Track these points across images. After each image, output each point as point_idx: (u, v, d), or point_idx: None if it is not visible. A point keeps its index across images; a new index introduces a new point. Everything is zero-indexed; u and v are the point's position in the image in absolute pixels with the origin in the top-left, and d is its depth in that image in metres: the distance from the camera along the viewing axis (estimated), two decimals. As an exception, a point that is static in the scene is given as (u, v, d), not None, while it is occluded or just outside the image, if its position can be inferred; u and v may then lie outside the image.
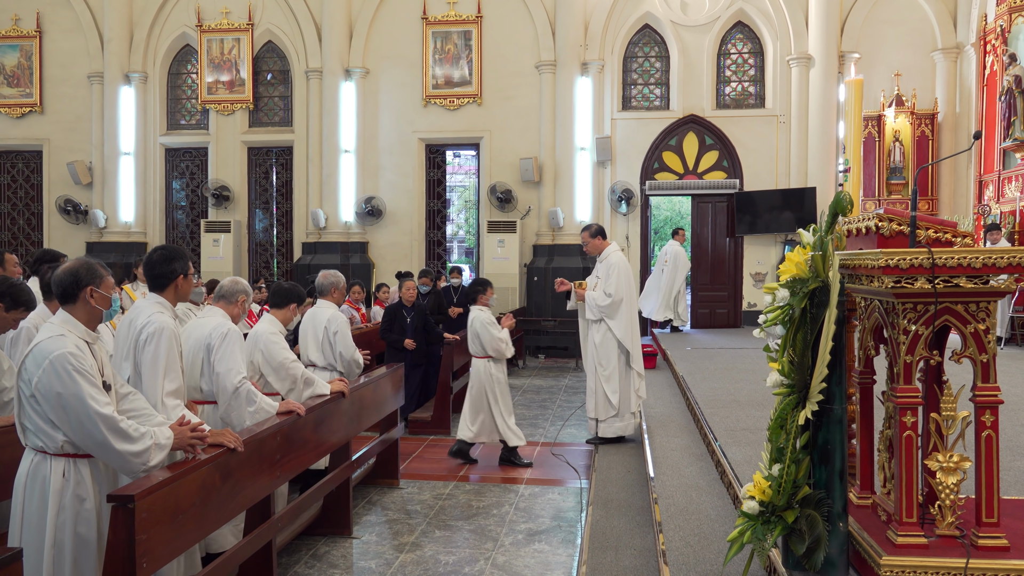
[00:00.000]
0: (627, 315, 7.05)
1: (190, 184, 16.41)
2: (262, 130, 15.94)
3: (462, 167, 26.11)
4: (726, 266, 14.69)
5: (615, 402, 7.04)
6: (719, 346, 11.76)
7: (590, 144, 14.56)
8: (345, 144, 15.18)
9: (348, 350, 6.15)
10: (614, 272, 7.07)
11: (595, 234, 7.30)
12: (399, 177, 15.35)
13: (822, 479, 3.19)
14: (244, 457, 3.78)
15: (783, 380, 3.35)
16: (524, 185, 14.89)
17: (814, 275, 3.23)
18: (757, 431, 5.95)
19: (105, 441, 3.11)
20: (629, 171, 14.68)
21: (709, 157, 14.65)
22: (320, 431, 4.83)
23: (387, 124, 15.36)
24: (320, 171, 15.30)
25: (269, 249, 16.23)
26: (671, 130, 14.67)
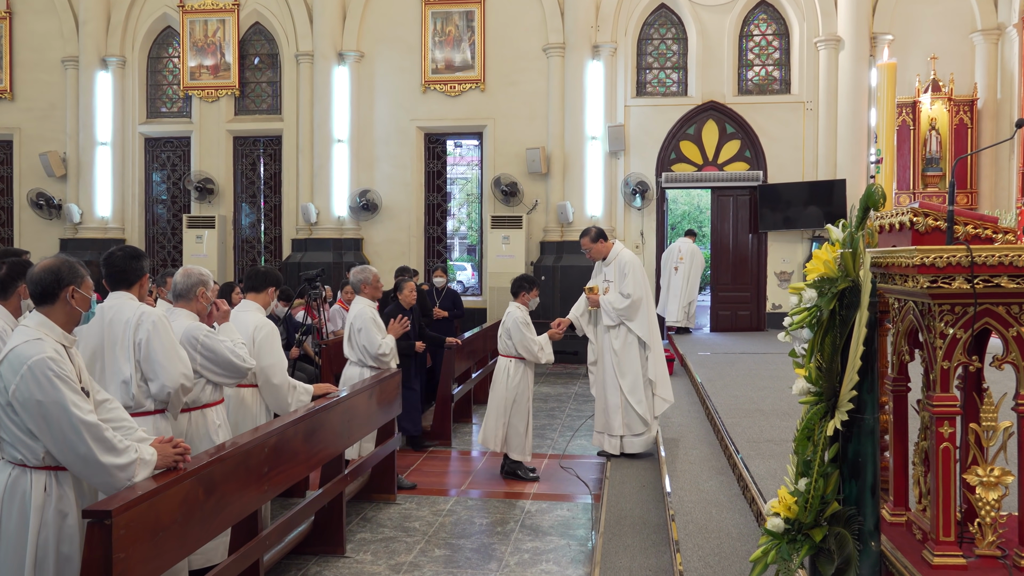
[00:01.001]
0: (646, 314, 7.07)
1: (171, 176, 16.45)
2: (249, 118, 15.97)
3: (464, 158, 26.14)
4: (749, 264, 14.68)
5: (642, 412, 7.01)
6: (741, 351, 11.75)
7: (602, 133, 14.56)
8: (338, 133, 15.21)
9: (372, 345, 6.64)
10: (630, 271, 7.06)
11: (596, 238, 7.29)
12: (396, 169, 15.37)
13: (852, 494, 3.19)
14: (230, 470, 3.79)
15: (810, 388, 3.35)
16: (530, 177, 14.89)
17: (844, 274, 3.22)
18: (782, 443, 5.94)
19: (89, 453, 3.12)
20: (644, 162, 14.67)
21: (730, 147, 14.63)
22: (311, 442, 4.84)
23: (383, 112, 15.38)
24: (311, 162, 15.32)
25: (256, 246, 16.27)
26: (689, 118, 14.66)
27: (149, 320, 4.03)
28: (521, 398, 7.01)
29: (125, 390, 4.01)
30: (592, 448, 7.78)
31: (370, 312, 6.77)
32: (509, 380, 7.01)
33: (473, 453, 8.16)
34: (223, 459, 3.77)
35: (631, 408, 7.04)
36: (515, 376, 7.02)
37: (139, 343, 4.01)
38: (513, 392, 7.02)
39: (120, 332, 4.03)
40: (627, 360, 7.05)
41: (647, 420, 7.05)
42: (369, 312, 6.76)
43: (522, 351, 6.98)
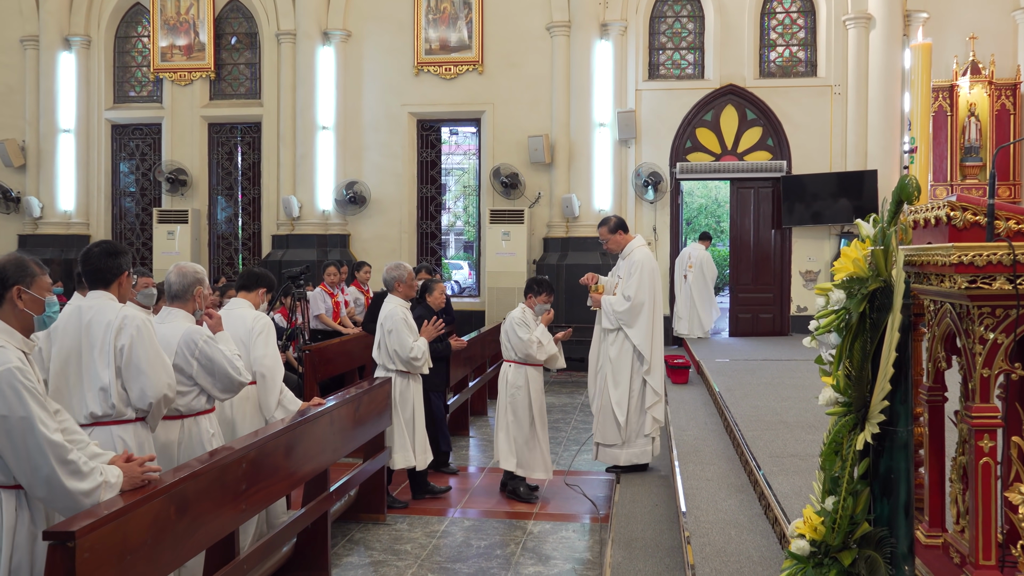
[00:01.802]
0: (647, 322, 7.03)
1: (141, 167, 16.46)
2: (225, 103, 15.98)
3: (460, 146, 26.16)
4: (771, 263, 14.68)
5: (622, 423, 7.01)
6: (763, 357, 11.75)
7: (611, 119, 14.56)
8: (323, 120, 15.22)
9: (403, 348, 6.78)
10: (636, 271, 7.05)
11: (615, 228, 7.28)
12: (386, 158, 15.38)
13: (884, 514, 3.18)
14: (204, 487, 3.80)
15: (838, 398, 3.35)
16: (533, 168, 14.90)
17: (875, 274, 3.22)
18: (808, 458, 5.94)
19: (52, 475, 3.13)
20: (657, 151, 14.68)
21: (751, 135, 14.64)
22: (293, 457, 4.84)
23: (372, 96, 15.39)
24: (293, 151, 15.33)
25: (233, 243, 16.28)
26: (706, 103, 14.66)
27: (132, 324, 4.05)
28: (519, 406, 6.98)
29: (103, 398, 4.02)
30: (599, 464, 7.78)
31: (401, 313, 6.86)
32: (508, 386, 7.02)
33: (470, 469, 8.16)
34: (197, 475, 3.77)
35: (612, 416, 7.05)
36: (514, 381, 7.00)
37: (120, 348, 4.03)
38: (510, 399, 7.00)
39: (100, 335, 4.04)
40: (620, 370, 7.05)
41: (623, 432, 7.03)
42: (400, 312, 6.86)
43: (519, 353, 6.99)
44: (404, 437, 6.88)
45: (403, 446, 6.86)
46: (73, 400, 4.03)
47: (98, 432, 4.00)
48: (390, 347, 6.83)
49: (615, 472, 7.21)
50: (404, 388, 6.92)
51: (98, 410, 4.02)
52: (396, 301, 6.98)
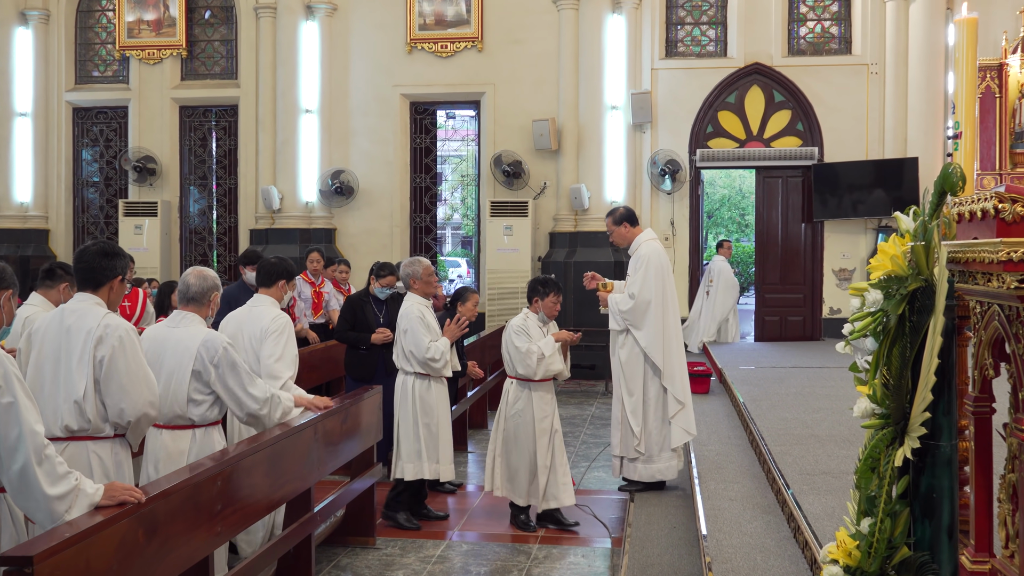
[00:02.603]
0: (656, 322, 7.03)
1: (105, 154, 16.49)
2: (198, 84, 16.00)
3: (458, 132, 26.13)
4: (801, 260, 14.68)
5: (638, 434, 7.01)
6: (791, 364, 11.75)
7: (624, 102, 14.57)
8: (306, 102, 15.23)
9: (418, 347, 6.85)
10: (642, 267, 7.06)
11: (621, 220, 7.28)
12: (376, 145, 15.39)
13: (925, 537, 3.19)
14: (176, 507, 3.80)
15: (875, 409, 3.35)
16: (538, 155, 14.91)
17: (915, 272, 3.22)
18: (841, 475, 5.94)
19: (27, 467, 3.25)
20: (675, 137, 14.68)
21: (779, 119, 14.63)
22: (274, 474, 4.85)
23: (360, 76, 15.40)
24: (273, 137, 15.35)
25: (207, 238, 16.30)
26: (729, 84, 14.66)
27: (114, 334, 4.12)
28: (522, 430, 6.72)
29: (77, 411, 4.09)
30: (612, 482, 7.78)
31: (417, 311, 6.93)
32: (508, 407, 6.82)
33: (469, 487, 8.16)
34: (167, 494, 3.77)
35: (628, 428, 7.06)
36: (513, 402, 6.78)
37: (100, 360, 4.10)
38: (507, 423, 6.79)
39: (79, 343, 4.12)
40: (632, 376, 7.07)
41: (642, 444, 7.03)
42: (416, 311, 6.93)
43: (518, 367, 6.75)
44: (420, 444, 6.86)
45: (417, 454, 6.85)
46: (46, 410, 4.07)
47: (72, 448, 4.09)
48: (405, 347, 6.92)
49: (629, 491, 7.21)
50: (424, 391, 6.92)
51: (73, 424, 4.09)
52: (413, 299, 7.07)
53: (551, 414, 6.83)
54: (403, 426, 6.95)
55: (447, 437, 7.02)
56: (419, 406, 6.89)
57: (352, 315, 8.21)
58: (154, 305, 9.08)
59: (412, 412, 6.90)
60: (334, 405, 5.77)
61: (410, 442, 6.89)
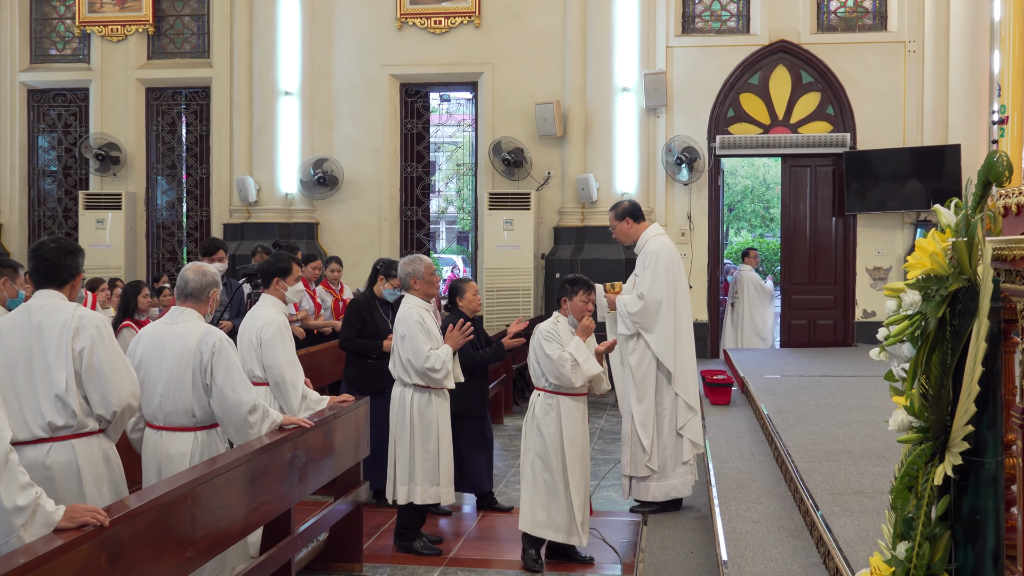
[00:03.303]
0: (668, 324, 7.04)
1: (64, 141, 16.49)
2: (167, 63, 16.00)
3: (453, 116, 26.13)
4: (831, 258, 14.68)
5: (647, 447, 7.01)
6: (821, 372, 11.74)
7: (636, 83, 14.56)
8: (285, 84, 15.23)
9: (417, 356, 6.76)
10: (651, 264, 7.07)
11: (623, 215, 7.30)
12: (362, 130, 15.39)
13: (968, 563, 3.19)
14: (142, 530, 3.80)
15: (912, 422, 3.35)
16: (541, 142, 14.91)
17: (956, 271, 3.22)
18: (875, 495, 5.94)
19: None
20: (692, 122, 14.67)
21: (807, 102, 14.63)
22: (251, 493, 4.85)
23: (345, 55, 15.40)
24: (250, 122, 15.35)
25: (177, 233, 16.30)
26: (752, 63, 14.66)
27: (92, 324, 4.46)
28: (552, 452, 6.35)
29: (60, 406, 4.35)
30: (623, 502, 7.79)
31: (417, 315, 6.83)
32: (532, 424, 6.46)
33: (465, 509, 8.16)
34: (132, 516, 3.78)
35: (638, 443, 7.06)
36: (543, 416, 6.41)
37: (80, 351, 4.41)
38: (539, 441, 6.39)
39: (55, 337, 4.40)
40: (643, 383, 7.07)
41: (653, 459, 7.04)
42: (416, 315, 6.83)
43: (551, 377, 6.41)
44: (415, 464, 6.80)
45: (411, 476, 6.80)
46: (25, 411, 4.33)
47: (56, 448, 4.35)
48: (403, 356, 6.83)
49: (641, 512, 7.21)
50: (424, 406, 6.84)
51: (58, 420, 4.34)
52: (413, 301, 6.98)
53: (581, 432, 6.48)
54: (399, 444, 6.86)
55: (448, 457, 6.94)
56: (417, 422, 6.82)
57: (360, 320, 8.10)
58: (118, 307, 9.08)
59: (409, 428, 6.82)
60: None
61: (405, 462, 6.83)
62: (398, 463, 6.86)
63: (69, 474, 4.43)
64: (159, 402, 5.02)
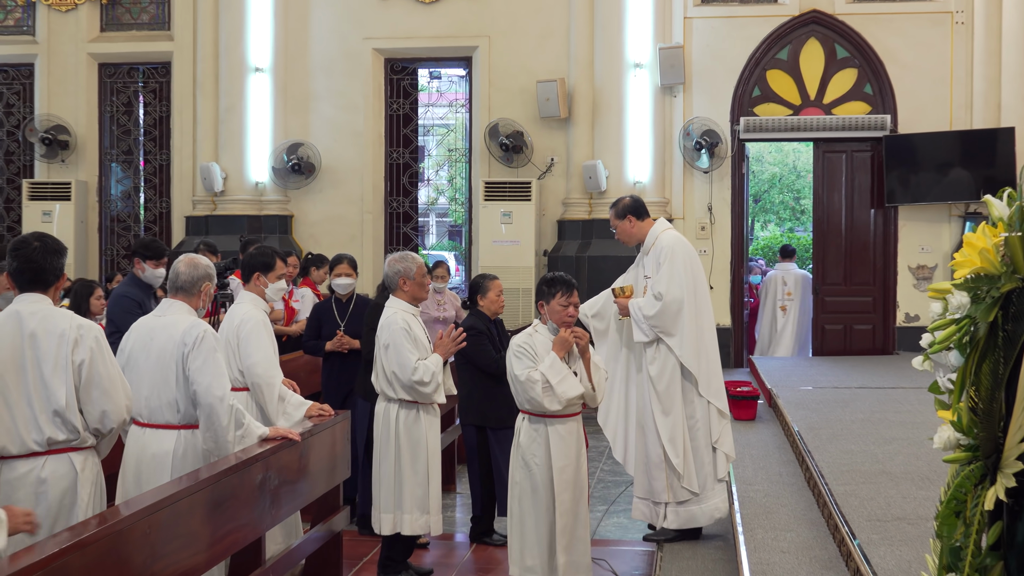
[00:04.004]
0: (690, 325, 7.05)
1: (6, 123, 16.50)
2: (122, 36, 15.99)
3: (444, 95, 26.15)
4: (870, 255, 14.68)
5: (678, 466, 7.01)
6: (858, 384, 11.75)
7: (650, 59, 14.55)
8: (255, 59, 15.22)
9: (403, 368, 6.62)
10: (666, 260, 7.07)
11: (624, 213, 7.32)
12: (342, 112, 15.39)
13: (1023, 598, 3.19)
14: (94, 561, 3.80)
15: (960, 439, 3.35)
16: (544, 124, 14.90)
17: (1010, 270, 3.23)
18: (919, 521, 5.95)
19: None
20: (713, 102, 14.67)
21: (842, 79, 14.63)
22: (217, 519, 4.85)
23: (323, 26, 15.40)
24: (215, 102, 15.34)
25: (133, 227, 16.28)
26: (781, 35, 14.67)
27: (90, 336, 4.72)
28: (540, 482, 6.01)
29: (61, 422, 4.60)
30: (634, 528, 7.79)
31: (402, 320, 6.68)
32: (520, 452, 6.11)
33: (458, 537, 8.17)
34: (83, 545, 3.77)
35: (663, 461, 7.05)
36: (528, 444, 6.05)
37: (80, 364, 4.66)
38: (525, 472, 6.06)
39: (52, 349, 4.65)
40: (669, 393, 7.07)
41: (696, 484, 7.04)
42: (401, 320, 6.68)
43: (523, 400, 6.06)
44: (402, 490, 6.75)
45: (396, 503, 6.73)
46: (18, 423, 4.57)
47: (52, 461, 4.61)
48: (387, 367, 6.68)
49: (657, 539, 7.21)
50: (411, 424, 6.75)
51: (59, 435, 4.60)
52: (397, 305, 6.81)
53: (575, 460, 6.10)
54: (383, 466, 6.76)
55: (437, 481, 6.86)
56: (404, 442, 6.73)
57: (318, 321, 8.31)
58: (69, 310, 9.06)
59: (394, 449, 6.75)
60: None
61: (390, 487, 6.75)
62: (383, 488, 6.76)
63: (66, 489, 4.66)
64: (145, 396, 5.26)
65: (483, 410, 7.30)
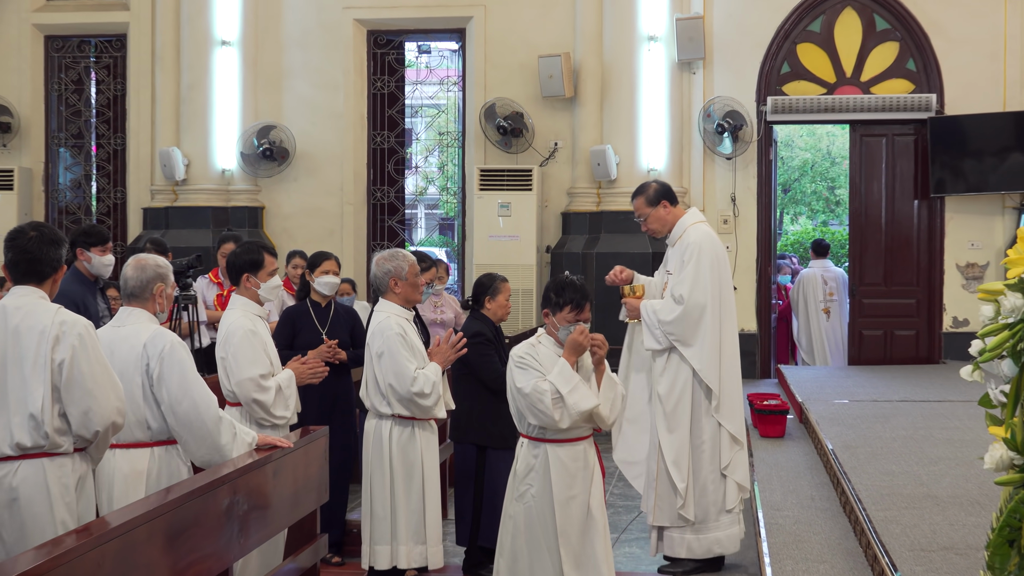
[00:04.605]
0: (712, 335, 7.03)
1: (-58, 103, 16.50)
2: (71, 5, 15.99)
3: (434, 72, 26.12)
4: (913, 251, 14.67)
5: (681, 490, 6.99)
6: (900, 396, 11.75)
7: (666, 31, 14.55)
8: (222, 31, 15.21)
9: (401, 378, 6.63)
10: (692, 259, 7.03)
11: (658, 198, 7.28)
12: (320, 90, 15.39)
13: (1085, 638, 3.19)
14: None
15: (1014, 458, 3.36)
16: (546, 105, 14.91)
17: (1070, 268, 3.23)
18: (968, 551, 5.95)
19: None
20: (737, 80, 14.67)
21: (881, 54, 14.63)
22: (177, 551, 4.85)
23: (298, -6, 15.42)
24: (177, 80, 15.32)
25: (84, 220, 16.26)
26: (813, 5, 14.67)
27: (73, 332, 4.79)
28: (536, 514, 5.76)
29: (32, 425, 4.68)
30: (648, 560, 7.80)
31: (397, 326, 6.67)
32: (516, 481, 5.92)
33: (455, 561, 8.17)
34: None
35: (668, 484, 7.03)
36: (524, 473, 5.84)
37: (60, 363, 4.75)
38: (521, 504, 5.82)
39: (32, 346, 4.76)
40: (677, 411, 7.05)
41: (699, 513, 7.02)
42: (395, 326, 6.67)
43: (528, 416, 5.80)
44: (396, 517, 6.69)
45: (392, 534, 6.68)
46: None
47: (26, 467, 4.71)
48: (382, 379, 6.66)
49: (673, 572, 7.22)
50: (406, 443, 6.73)
51: (26, 440, 4.68)
52: (389, 309, 6.82)
53: (583, 488, 5.80)
54: (376, 491, 6.74)
55: (435, 507, 6.83)
56: (398, 463, 6.71)
57: (291, 328, 8.10)
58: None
59: (387, 471, 6.72)
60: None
61: (384, 515, 6.70)
62: (375, 516, 6.74)
63: (38, 496, 4.73)
64: None
65: (485, 427, 7.16)
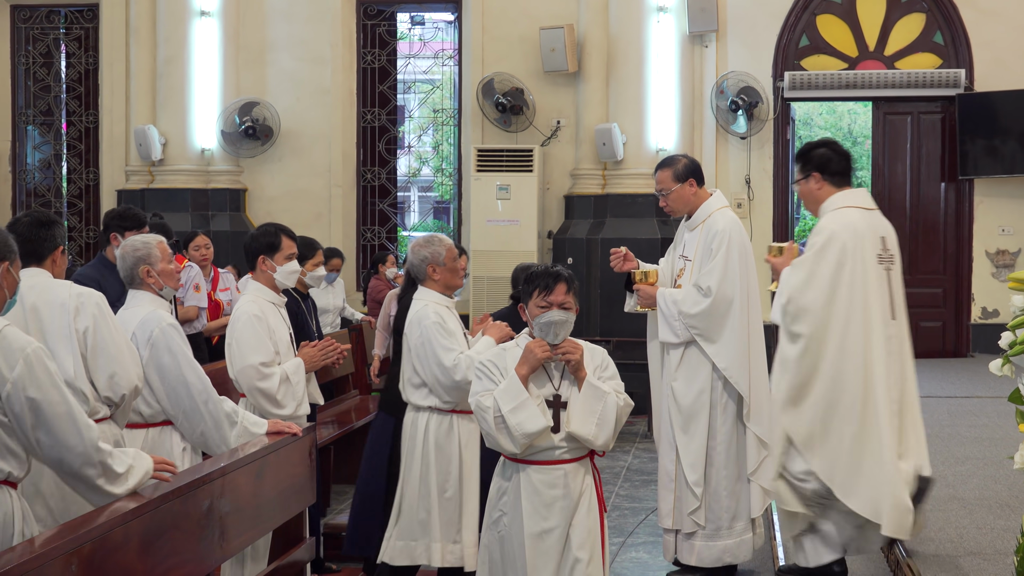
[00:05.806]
0: (740, 332, 7.01)
1: (-98, 77, 16.49)
2: (41, -27, 16.00)
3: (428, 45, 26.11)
4: (940, 237, 14.68)
5: (699, 496, 6.98)
6: (925, 392, 11.71)
7: (676, 1, 14.53)
8: (202, 2, 15.18)
9: (443, 367, 6.51)
10: (722, 248, 6.98)
11: (686, 175, 7.19)
12: (306, 64, 15.38)
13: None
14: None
15: (1046, 458, 3.38)
16: (548, 80, 14.90)
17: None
18: (996, 557, 5.97)
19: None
20: (752, 53, 14.66)
21: (908, 26, 14.62)
22: (155, 554, 4.86)
23: (283, -39, 15.41)
24: (153, 53, 15.30)
25: (54, 203, 16.27)
26: (833, -27, 14.68)
27: (91, 302, 5.27)
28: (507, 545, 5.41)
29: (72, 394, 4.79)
30: (657, 566, 7.81)
31: (435, 314, 6.60)
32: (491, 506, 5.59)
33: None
34: (-3, 583, 3.79)
35: (686, 486, 7.02)
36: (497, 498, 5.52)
37: (84, 332, 5.20)
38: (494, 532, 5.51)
39: (55, 319, 5.20)
40: (694, 410, 7.02)
41: (713, 520, 7.01)
42: (433, 314, 6.59)
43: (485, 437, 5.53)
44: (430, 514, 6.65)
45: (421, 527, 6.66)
46: None
47: None
48: (423, 370, 6.57)
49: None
50: (443, 435, 6.64)
51: None
52: (428, 296, 6.72)
53: (561, 520, 5.30)
54: (408, 484, 6.67)
55: (473, 505, 6.63)
56: (433, 457, 6.61)
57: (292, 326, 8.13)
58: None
59: (420, 465, 6.65)
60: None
61: (413, 510, 6.63)
62: (404, 511, 6.66)
63: None
64: None
65: None
